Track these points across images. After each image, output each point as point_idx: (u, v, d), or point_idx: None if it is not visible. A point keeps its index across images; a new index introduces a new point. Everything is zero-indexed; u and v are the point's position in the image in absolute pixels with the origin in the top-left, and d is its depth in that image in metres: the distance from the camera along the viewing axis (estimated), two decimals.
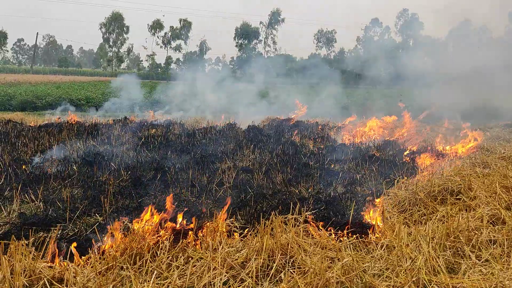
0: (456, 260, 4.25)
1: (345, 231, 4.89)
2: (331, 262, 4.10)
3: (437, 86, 18.94)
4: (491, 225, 5.08)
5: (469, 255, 4.30)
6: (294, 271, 3.88)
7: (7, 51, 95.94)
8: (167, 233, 4.41)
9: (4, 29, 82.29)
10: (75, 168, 7.41)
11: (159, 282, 3.70)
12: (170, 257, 4.08)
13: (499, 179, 6.47)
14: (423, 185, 6.44)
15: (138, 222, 4.57)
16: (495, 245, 4.53)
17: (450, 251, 4.37)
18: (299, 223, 4.84)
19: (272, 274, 3.85)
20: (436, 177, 6.88)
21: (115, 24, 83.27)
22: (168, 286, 3.65)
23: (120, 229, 4.47)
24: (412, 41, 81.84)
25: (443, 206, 5.80)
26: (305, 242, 4.45)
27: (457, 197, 6.03)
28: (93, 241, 4.37)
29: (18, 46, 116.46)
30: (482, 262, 4.20)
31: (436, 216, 5.35)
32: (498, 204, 5.60)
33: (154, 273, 3.75)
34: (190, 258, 4.06)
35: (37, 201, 5.82)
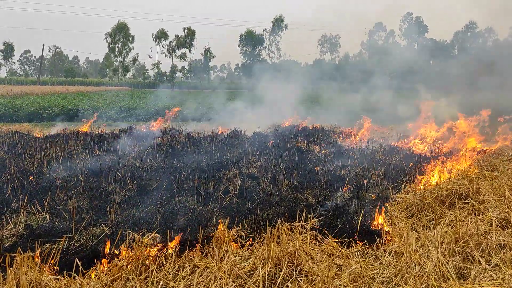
0: (466, 265, 4.18)
1: (352, 238, 4.85)
2: (338, 270, 4.05)
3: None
4: (501, 229, 5.00)
5: (479, 260, 4.23)
6: (301, 279, 3.84)
7: (14, 63, 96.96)
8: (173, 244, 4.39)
9: (11, 41, 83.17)
10: (81, 178, 7.42)
11: None
12: (176, 267, 4.05)
13: (508, 182, 6.40)
14: (430, 189, 6.38)
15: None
16: (505, 249, 4.46)
17: (459, 257, 4.31)
18: (306, 230, 4.79)
19: (279, 283, 3.81)
20: (444, 181, 6.82)
21: (121, 34, 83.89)
22: None
23: (126, 239, 4.46)
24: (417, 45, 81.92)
25: (452, 210, 5.73)
26: (312, 249, 4.40)
27: (466, 201, 5.96)
28: (99, 251, 4.35)
29: (25, 57, 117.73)
30: (492, 267, 4.14)
31: (445, 220, 5.28)
32: (507, 207, 5.52)
33: (160, 284, 3.72)
34: (196, 268, 4.04)
35: (44, 212, 5.83)
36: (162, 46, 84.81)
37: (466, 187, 6.17)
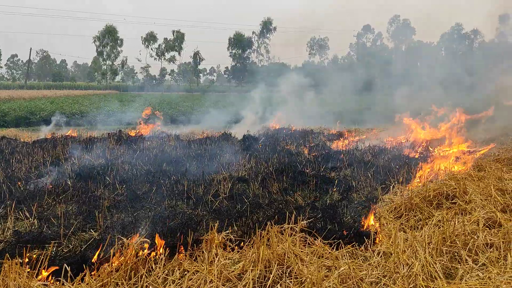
0: (453, 265, 4.24)
1: (341, 239, 4.88)
2: (328, 271, 4.08)
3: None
4: (487, 228, 5.08)
5: (466, 260, 4.29)
6: (291, 281, 3.86)
7: (1, 67, 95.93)
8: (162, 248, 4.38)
9: None
10: (69, 183, 7.36)
11: None
12: (166, 271, 4.04)
13: (494, 182, 6.50)
14: (418, 190, 6.45)
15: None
16: (491, 249, 4.53)
17: (447, 256, 4.36)
18: (296, 232, 4.82)
19: (269, 285, 3.83)
20: (431, 182, 6.90)
21: (109, 38, 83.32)
22: None
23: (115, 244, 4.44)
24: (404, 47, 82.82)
25: (439, 210, 5.80)
26: (301, 251, 4.43)
27: (453, 201, 6.03)
28: (88, 257, 4.33)
29: (12, 62, 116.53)
30: (479, 266, 4.19)
31: (432, 221, 5.35)
32: (494, 207, 5.61)
33: None
34: (186, 272, 4.04)
35: (32, 218, 5.77)
36: (151, 49, 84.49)
37: (453, 188, 6.25)
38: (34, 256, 4.27)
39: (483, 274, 3.98)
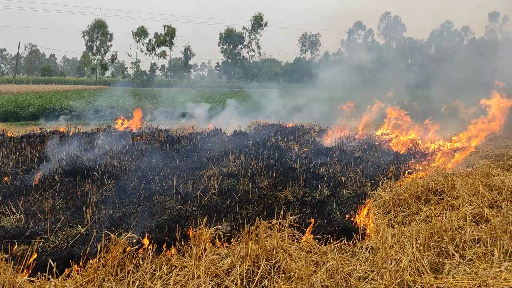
0: (440, 260, 4.26)
1: (330, 235, 4.89)
2: (316, 266, 4.08)
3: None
4: (475, 224, 5.12)
5: (453, 255, 4.32)
6: (279, 277, 3.85)
7: None
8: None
9: None
10: (57, 178, 7.28)
11: None
12: (154, 267, 4.02)
13: (482, 178, 6.54)
14: (407, 186, 6.47)
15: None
16: (478, 244, 4.56)
17: (434, 251, 4.39)
18: (284, 227, 4.81)
19: (257, 280, 3.82)
20: (420, 177, 6.93)
21: (99, 32, 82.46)
22: None
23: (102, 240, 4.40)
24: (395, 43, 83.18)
25: (427, 206, 5.84)
26: (290, 246, 4.42)
27: (441, 196, 6.07)
28: (74, 252, 4.28)
29: (0, 56, 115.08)
30: (466, 261, 4.23)
31: (420, 216, 5.38)
32: (481, 202, 5.65)
33: (137, 284, 3.69)
34: (173, 267, 4.01)
35: (18, 213, 5.70)
36: (142, 44, 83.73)
37: (441, 183, 6.29)
38: (20, 251, 4.21)
39: (470, 269, 4.00)
